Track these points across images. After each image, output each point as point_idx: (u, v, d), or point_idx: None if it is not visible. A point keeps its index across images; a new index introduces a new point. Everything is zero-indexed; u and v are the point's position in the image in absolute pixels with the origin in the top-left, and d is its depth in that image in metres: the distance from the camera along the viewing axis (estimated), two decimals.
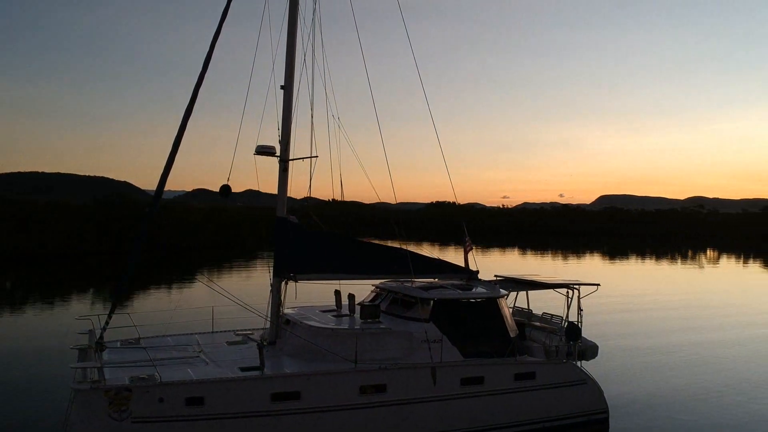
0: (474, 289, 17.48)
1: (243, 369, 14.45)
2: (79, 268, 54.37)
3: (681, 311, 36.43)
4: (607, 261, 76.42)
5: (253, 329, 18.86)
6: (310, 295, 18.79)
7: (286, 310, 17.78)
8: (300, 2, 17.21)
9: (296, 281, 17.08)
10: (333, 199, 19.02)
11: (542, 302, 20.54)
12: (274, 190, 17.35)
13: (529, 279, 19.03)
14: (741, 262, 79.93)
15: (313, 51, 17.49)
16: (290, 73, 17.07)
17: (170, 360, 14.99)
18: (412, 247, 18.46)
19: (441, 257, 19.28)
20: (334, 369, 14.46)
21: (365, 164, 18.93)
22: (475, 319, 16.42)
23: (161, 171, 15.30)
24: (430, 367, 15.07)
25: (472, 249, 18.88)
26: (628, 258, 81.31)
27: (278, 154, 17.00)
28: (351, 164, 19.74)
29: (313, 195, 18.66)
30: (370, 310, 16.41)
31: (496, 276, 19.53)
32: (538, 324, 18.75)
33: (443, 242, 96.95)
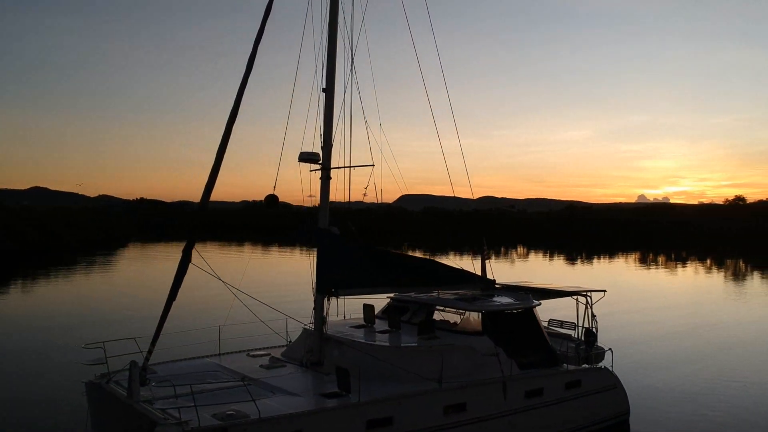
0: (499, 298, 17.58)
1: (325, 396, 13.31)
2: None
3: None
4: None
5: (268, 347, 17.42)
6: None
7: (308, 327, 16.69)
8: (341, 3, 16.19)
9: (337, 297, 16.04)
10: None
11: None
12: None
13: (537, 287, 19.44)
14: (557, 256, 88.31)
15: (352, 53, 16.52)
16: (331, 75, 15.98)
17: (219, 391, 13.39)
18: None
19: None
20: (422, 390, 13.82)
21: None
22: (520, 330, 16.55)
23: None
24: (502, 381, 14.97)
25: (489, 258, 18.95)
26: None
27: (321, 161, 15.85)
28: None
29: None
30: (426, 325, 15.90)
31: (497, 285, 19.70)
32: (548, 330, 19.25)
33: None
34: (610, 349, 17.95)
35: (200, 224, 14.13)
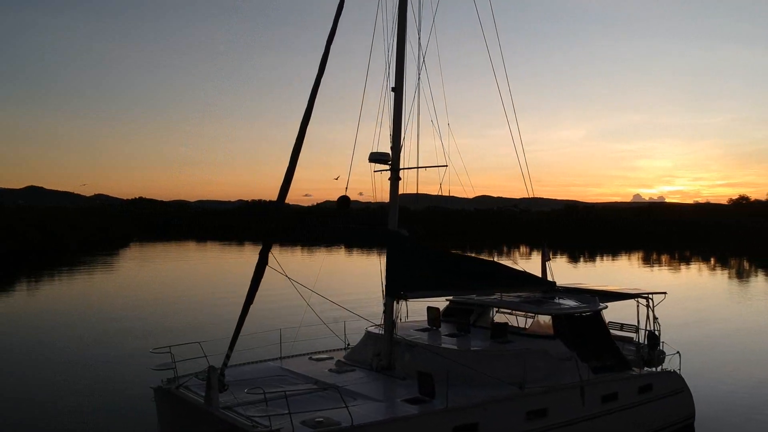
0: (564, 301, 17.30)
1: (409, 401, 12.97)
2: None
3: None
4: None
5: (329, 351, 17.09)
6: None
7: (371, 329, 16.40)
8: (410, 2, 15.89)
9: (406, 299, 15.73)
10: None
11: None
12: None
13: (596, 288, 19.12)
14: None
15: (422, 53, 16.20)
16: (400, 74, 15.66)
17: (301, 396, 13.03)
18: None
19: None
20: (507, 395, 13.51)
21: None
22: (591, 333, 16.28)
23: None
24: (580, 386, 14.68)
25: (550, 259, 18.68)
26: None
27: (390, 162, 15.53)
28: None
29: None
30: (499, 328, 15.62)
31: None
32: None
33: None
34: (677, 352, 17.68)
35: (277, 227, 13.77)
